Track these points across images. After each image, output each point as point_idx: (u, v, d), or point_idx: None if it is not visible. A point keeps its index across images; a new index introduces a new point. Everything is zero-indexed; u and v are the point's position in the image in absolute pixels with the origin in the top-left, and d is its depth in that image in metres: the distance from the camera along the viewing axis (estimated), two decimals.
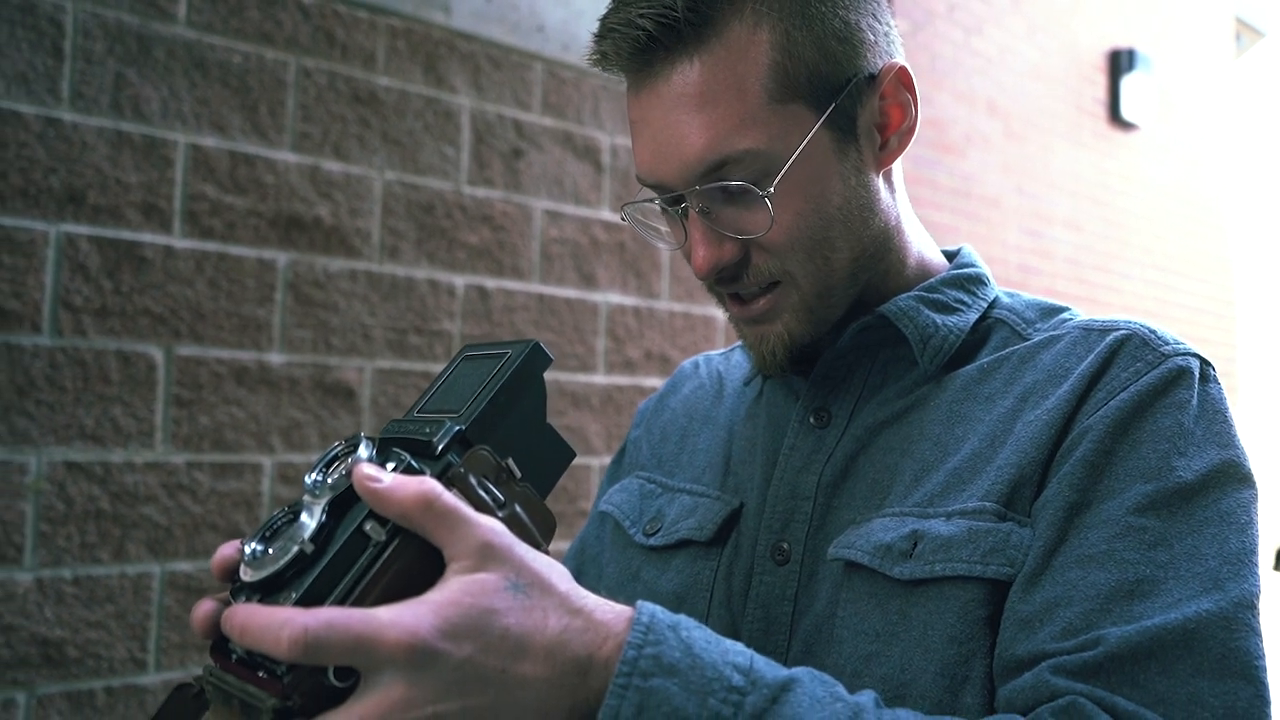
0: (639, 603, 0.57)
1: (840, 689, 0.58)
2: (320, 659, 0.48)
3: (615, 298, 2.45)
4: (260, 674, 0.51)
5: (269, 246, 1.91)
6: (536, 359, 0.61)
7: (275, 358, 1.91)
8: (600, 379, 2.41)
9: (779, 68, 0.70)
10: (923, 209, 3.35)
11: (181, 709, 0.56)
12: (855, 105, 0.73)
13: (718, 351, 0.99)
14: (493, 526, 0.53)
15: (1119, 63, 4.78)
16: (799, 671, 0.58)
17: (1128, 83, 4.77)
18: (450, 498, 0.52)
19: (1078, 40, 4.59)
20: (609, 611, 0.55)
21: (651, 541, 0.83)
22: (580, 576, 0.93)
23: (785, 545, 0.76)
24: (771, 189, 0.70)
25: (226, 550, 0.57)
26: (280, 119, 1.93)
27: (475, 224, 2.20)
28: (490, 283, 2.22)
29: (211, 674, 0.54)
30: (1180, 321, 5.19)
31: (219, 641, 0.54)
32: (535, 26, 2.32)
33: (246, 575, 0.54)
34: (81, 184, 1.71)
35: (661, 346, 2.54)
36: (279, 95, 1.93)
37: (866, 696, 0.59)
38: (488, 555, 0.52)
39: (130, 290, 1.75)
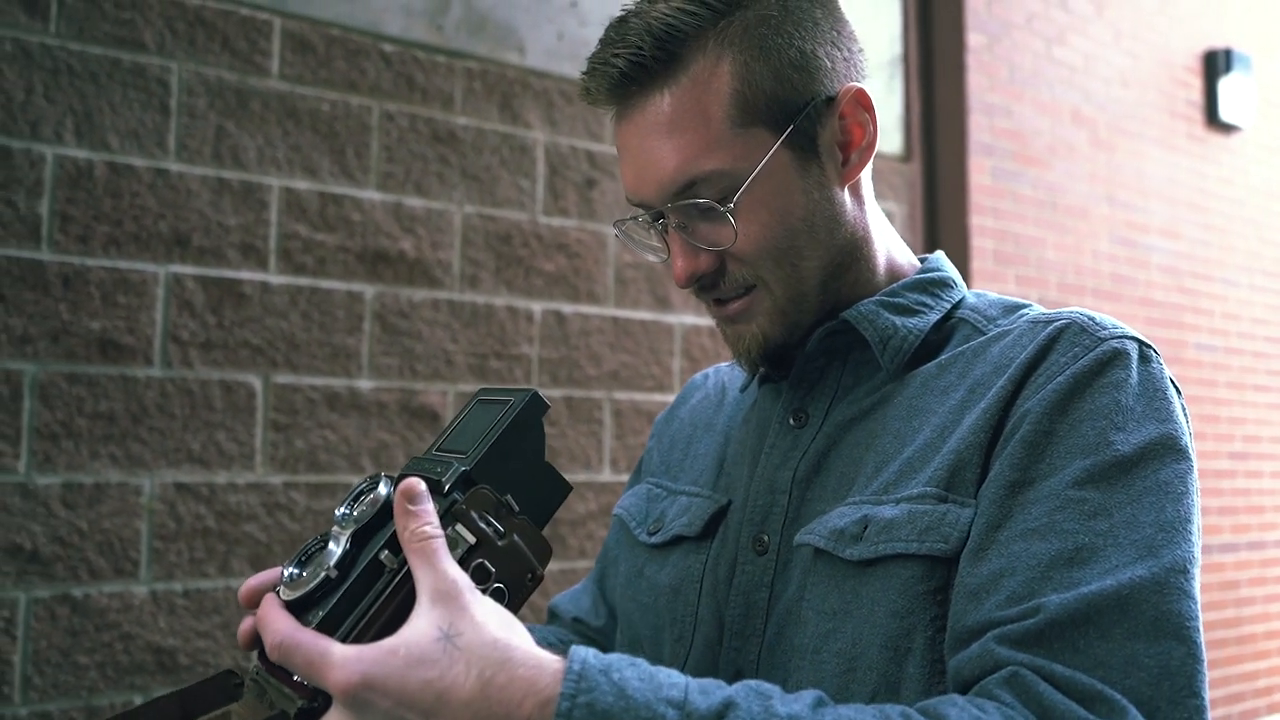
0: (572, 649, 0.60)
1: (776, 701, 0.60)
2: (287, 666, 0.59)
3: (690, 319, 2.51)
4: (296, 679, 0.62)
5: (357, 280, 2.04)
6: (535, 407, 0.69)
7: (364, 384, 2.04)
8: None
9: (739, 96, 0.77)
10: (1005, 221, 3.32)
11: (216, 688, 0.67)
12: (814, 126, 0.79)
13: (727, 363, 1.04)
14: (450, 576, 0.59)
15: (1215, 64, 4.65)
16: (736, 692, 0.60)
17: (1225, 84, 4.63)
18: (435, 544, 0.61)
19: (1169, 43, 4.49)
20: (534, 667, 0.58)
21: (653, 540, 0.91)
22: (604, 577, 1.01)
23: (765, 537, 0.82)
24: (733, 204, 0.77)
25: (252, 582, 0.70)
26: (365, 160, 2.07)
27: (551, 252, 2.30)
28: (567, 308, 2.31)
29: (258, 673, 0.66)
30: None
31: (264, 649, 0.65)
32: None
33: (284, 594, 0.65)
34: (187, 228, 1.86)
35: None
36: (364, 139, 2.07)
37: (802, 704, 0.61)
38: (435, 599, 0.59)
39: (231, 324, 1.89)
